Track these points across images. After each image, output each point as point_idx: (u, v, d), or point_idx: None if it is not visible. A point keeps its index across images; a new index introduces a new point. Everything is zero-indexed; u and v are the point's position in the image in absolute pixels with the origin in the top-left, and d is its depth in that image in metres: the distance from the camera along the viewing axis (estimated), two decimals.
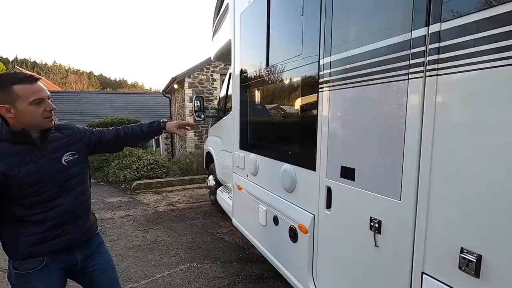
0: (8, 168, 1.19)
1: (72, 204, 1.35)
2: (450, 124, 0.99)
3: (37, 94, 1.21)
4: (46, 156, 1.30)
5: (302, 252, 1.84)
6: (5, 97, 1.17)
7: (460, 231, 0.97)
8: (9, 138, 1.22)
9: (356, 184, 1.39)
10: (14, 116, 1.20)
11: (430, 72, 1.03)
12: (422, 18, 1.05)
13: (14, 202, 1.24)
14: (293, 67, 1.94)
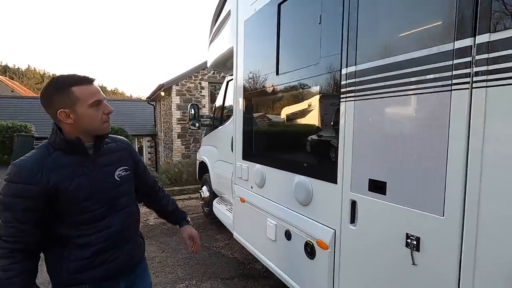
0: (60, 180, 1.09)
1: (121, 226, 1.23)
2: (502, 135, 0.95)
3: (96, 96, 1.13)
4: (98, 169, 1.19)
5: (321, 269, 1.75)
6: (64, 100, 1.09)
7: None
8: (62, 147, 1.13)
9: (388, 198, 1.33)
10: (73, 121, 1.11)
11: (477, 83, 1.00)
12: (468, 28, 1.02)
13: (61, 220, 1.13)
14: (308, 76, 1.89)
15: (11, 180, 1.05)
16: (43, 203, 1.07)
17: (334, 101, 1.64)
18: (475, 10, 1.00)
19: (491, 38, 0.97)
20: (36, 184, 1.05)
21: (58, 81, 1.11)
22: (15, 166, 1.07)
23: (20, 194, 1.04)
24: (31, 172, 1.05)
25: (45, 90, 1.12)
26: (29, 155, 1.12)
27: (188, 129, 10.35)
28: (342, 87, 1.57)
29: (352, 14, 1.50)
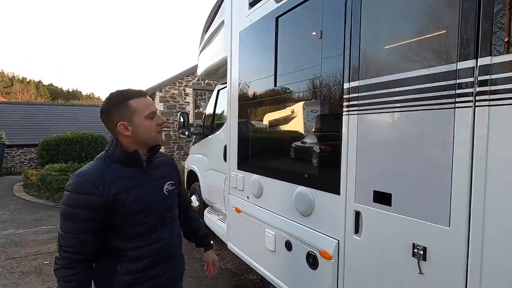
0: (119, 192, 1.13)
1: (169, 240, 1.27)
2: (504, 150, 1.02)
3: (150, 107, 1.21)
4: (151, 183, 1.25)
5: (324, 279, 1.77)
6: (122, 113, 1.16)
7: None
8: (121, 159, 1.18)
9: (393, 209, 1.38)
10: (131, 133, 1.17)
11: (480, 102, 1.07)
12: (471, 50, 1.10)
13: (116, 231, 1.16)
14: (308, 88, 1.94)
15: (74, 191, 1.09)
16: (103, 214, 1.11)
17: (336, 114, 1.69)
18: (476, 34, 1.08)
19: (492, 61, 1.04)
20: (98, 195, 1.08)
21: (116, 96, 1.18)
22: (78, 176, 1.11)
23: (82, 204, 1.08)
24: (93, 184, 1.09)
25: (104, 105, 1.19)
26: (89, 166, 1.16)
27: (171, 137, 10.18)
28: (345, 100, 1.62)
29: (355, 29, 1.56)
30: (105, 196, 1.09)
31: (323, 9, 1.77)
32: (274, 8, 2.23)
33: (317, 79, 1.84)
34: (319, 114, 1.87)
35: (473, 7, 1.09)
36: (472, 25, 1.09)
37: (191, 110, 10.35)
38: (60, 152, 9.14)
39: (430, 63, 1.23)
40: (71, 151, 9.24)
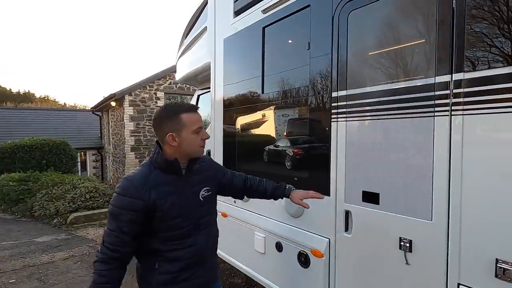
0: (158, 197, 1.21)
1: (203, 245, 1.33)
2: (478, 151, 1.20)
3: (198, 123, 1.29)
4: (188, 189, 1.31)
5: (316, 277, 1.87)
6: (173, 125, 1.24)
7: (494, 245, 1.15)
8: (162, 166, 1.26)
9: (381, 207, 1.52)
10: (177, 144, 1.25)
11: (455, 112, 1.25)
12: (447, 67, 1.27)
13: (154, 234, 1.24)
14: (297, 96, 2.05)
15: (121, 193, 1.18)
16: (143, 217, 1.19)
17: (325, 120, 1.81)
18: (451, 53, 1.26)
19: (465, 76, 1.22)
20: (141, 199, 1.17)
21: (170, 108, 1.28)
22: (126, 180, 1.21)
23: (127, 206, 1.17)
24: (137, 188, 1.18)
25: (158, 115, 1.28)
26: (137, 172, 1.26)
27: (142, 142, 9.84)
28: (333, 108, 1.74)
29: (342, 46, 1.69)
30: (147, 200, 1.18)
31: (311, 22, 1.90)
32: (261, 18, 2.32)
33: (306, 88, 1.95)
34: (308, 121, 1.98)
35: (448, 29, 1.26)
36: (447, 45, 1.26)
37: None
38: (16, 160, 8.39)
39: (414, 76, 1.39)
40: (29, 158, 8.53)
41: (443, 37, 1.28)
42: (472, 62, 1.21)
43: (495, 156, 1.15)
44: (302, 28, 1.98)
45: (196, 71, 3.53)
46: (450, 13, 1.26)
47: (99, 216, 5.53)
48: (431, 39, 1.32)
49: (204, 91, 3.89)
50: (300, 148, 2.05)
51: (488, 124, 1.18)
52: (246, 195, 1.68)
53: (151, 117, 9.74)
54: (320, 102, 1.88)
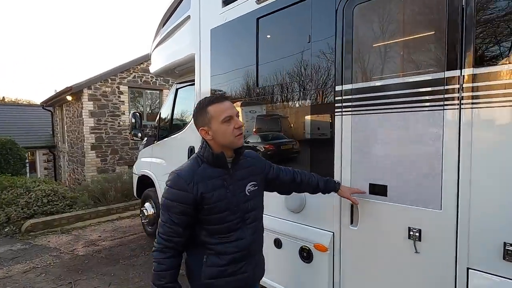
0: (206, 190, 1.23)
1: (249, 239, 1.33)
2: (486, 142, 1.27)
3: (225, 112, 1.25)
4: (234, 183, 1.31)
5: (319, 271, 1.87)
6: (203, 119, 1.26)
7: (502, 229, 1.23)
8: (209, 160, 1.27)
9: (389, 199, 1.56)
10: (212, 137, 1.26)
11: (465, 105, 1.30)
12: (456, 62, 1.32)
13: (202, 227, 1.27)
14: (297, 89, 2.01)
15: (171, 186, 1.23)
16: (192, 209, 1.22)
17: (328, 114, 1.80)
18: (462, 46, 1.31)
19: (474, 71, 1.28)
20: (189, 191, 1.20)
21: (199, 103, 1.29)
22: (175, 174, 1.24)
23: (177, 199, 1.21)
24: (186, 181, 1.21)
25: (194, 111, 1.32)
26: (185, 165, 1.29)
27: (104, 139, 9.13)
28: (338, 102, 1.74)
29: (347, 39, 1.69)
30: (194, 193, 1.20)
31: (312, 14, 1.87)
32: (254, 8, 2.24)
33: (306, 81, 1.92)
34: (312, 114, 1.95)
35: (457, 23, 1.31)
36: (458, 40, 1.31)
37: (127, 110, 9.44)
38: None
39: (424, 71, 1.42)
40: None
41: (453, 33, 1.33)
42: (481, 58, 1.27)
43: (501, 147, 1.23)
44: (302, 20, 1.94)
45: (176, 63, 3.32)
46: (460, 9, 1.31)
47: (61, 222, 4.99)
48: (441, 34, 1.36)
49: (183, 84, 3.68)
50: (303, 142, 2.02)
51: (496, 117, 1.25)
52: (295, 190, 1.65)
53: (114, 113, 9.16)
54: (322, 96, 1.87)
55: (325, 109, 1.84)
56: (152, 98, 10.32)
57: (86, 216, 5.29)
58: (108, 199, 5.81)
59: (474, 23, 1.27)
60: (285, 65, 2.09)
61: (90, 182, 6.31)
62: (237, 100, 2.45)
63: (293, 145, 2.12)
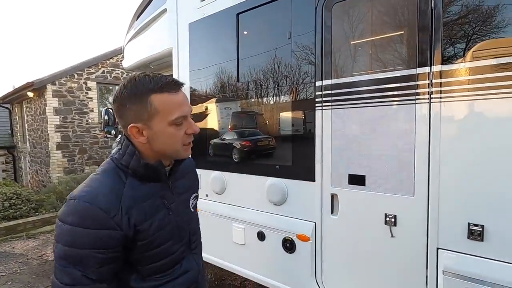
0: (141, 219, 0.85)
1: (197, 268, 1.03)
2: (453, 133, 1.39)
3: (180, 110, 0.86)
4: (177, 200, 0.97)
5: (302, 260, 1.94)
6: (138, 112, 0.83)
7: (466, 212, 1.37)
8: (139, 173, 0.87)
9: (367, 188, 1.65)
10: (146, 140, 0.86)
11: (435, 98, 1.42)
12: (427, 59, 1.43)
13: (132, 269, 0.88)
14: (277, 85, 2.05)
15: (79, 224, 0.77)
16: (121, 251, 0.83)
17: (308, 109, 1.87)
18: (431, 45, 1.42)
19: (442, 68, 1.40)
20: (116, 228, 0.79)
21: (135, 84, 0.83)
22: (83, 201, 0.78)
23: (94, 243, 0.78)
24: (108, 212, 0.79)
25: (119, 93, 0.84)
26: (97, 184, 0.83)
27: (71, 138, 8.62)
28: (318, 96, 1.81)
29: (326, 37, 1.75)
30: (125, 227, 0.81)
31: (292, 11, 1.91)
32: (234, 4, 2.24)
33: (287, 76, 1.97)
34: (292, 110, 2.00)
35: (427, 24, 1.42)
36: (428, 38, 1.42)
37: (96, 106, 8.98)
38: None
39: (398, 68, 1.52)
40: None
41: (423, 33, 1.44)
42: (449, 56, 1.39)
43: (466, 139, 1.36)
44: (282, 17, 1.98)
45: (152, 57, 3.22)
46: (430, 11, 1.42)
47: (25, 227, 4.66)
48: (413, 34, 1.47)
49: None
50: (283, 137, 2.07)
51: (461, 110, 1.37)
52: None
53: (81, 110, 8.67)
54: (303, 91, 1.92)
55: (306, 104, 1.90)
56: None
57: (53, 220, 4.98)
58: None
59: (441, 24, 1.39)
60: (266, 61, 2.12)
61: (58, 183, 5.94)
62: (218, 96, 2.44)
63: (269, 140, 2.16)
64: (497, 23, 1.29)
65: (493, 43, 1.29)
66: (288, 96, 2.01)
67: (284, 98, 2.04)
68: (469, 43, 1.34)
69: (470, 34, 1.34)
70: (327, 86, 1.77)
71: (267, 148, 2.20)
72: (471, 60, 1.32)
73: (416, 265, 1.52)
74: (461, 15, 1.36)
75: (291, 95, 1.99)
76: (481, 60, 1.30)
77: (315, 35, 1.80)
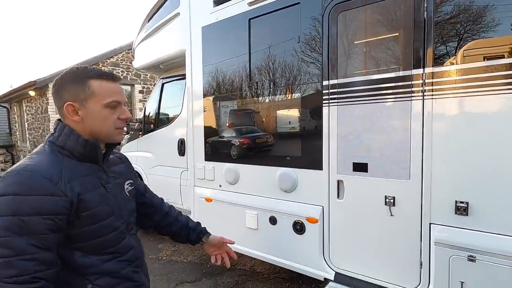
0: (84, 189, 0.89)
1: (139, 246, 1.09)
2: (443, 126, 1.64)
3: (114, 95, 0.97)
4: (112, 182, 1.03)
5: (311, 240, 2.18)
6: (76, 92, 0.92)
7: (454, 192, 1.62)
8: (75, 152, 0.92)
9: (369, 174, 1.90)
10: (81, 119, 0.93)
11: (427, 96, 1.67)
12: (420, 62, 1.67)
13: (77, 245, 0.90)
14: (287, 84, 2.28)
15: (22, 192, 0.78)
16: (65, 221, 0.84)
17: (316, 106, 2.10)
18: (424, 51, 1.66)
19: (433, 70, 1.64)
20: (62, 194, 0.83)
21: (77, 70, 0.94)
22: (25, 171, 0.81)
23: (40, 208, 0.79)
24: (51, 179, 0.82)
25: (60, 77, 0.95)
26: (35, 160, 0.86)
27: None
28: (325, 94, 2.04)
29: (332, 40, 1.99)
30: (69, 194, 0.84)
31: (301, 17, 2.14)
32: (246, 10, 2.45)
33: (297, 76, 2.20)
34: (301, 108, 2.23)
35: (421, 32, 1.66)
36: (421, 45, 1.67)
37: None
38: None
39: (395, 69, 1.77)
40: None
41: (418, 39, 1.68)
42: (439, 59, 1.64)
43: (453, 132, 1.61)
44: (292, 22, 2.20)
45: (164, 58, 3.42)
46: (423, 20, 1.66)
47: None
48: (408, 39, 1.71)
49: (170, 79, 3.78)
50: (294, 131, 2.30)
51: (451, 106, 1.62)
52: (159, 222, 1.32)
53: None
54: (311, 89, 2.16)
55: (314, 101, 2.13)
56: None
57: None
58: None
59: (433, 30, 1.63)
60: (276, 62, 2.35)
61: None
62: (231, 94, 2.66)
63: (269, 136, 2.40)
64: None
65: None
66: (297, 95, 2.24)
67: (294, 97, 2.27)
68: (452, 48, 1.59)
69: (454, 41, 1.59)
70: (333, 85, 2.00)
71: (277, 142, 2.42)
72: (454, 63, 1.57)
73: (412, 238, 1.77)
74: (449, 23, 1.61)
75: (300, 94, 2.22)
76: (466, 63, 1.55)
77: (322, 39, 2.03)
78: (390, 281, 1.88)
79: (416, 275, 1.77)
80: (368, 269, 1.97)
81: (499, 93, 1.47)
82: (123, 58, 9.60)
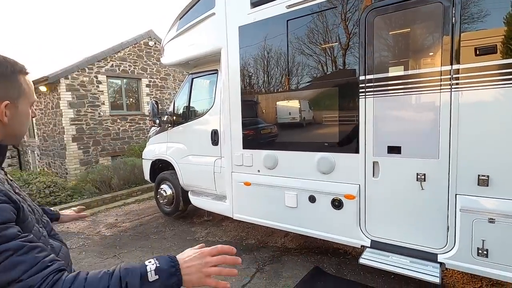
0: (17, 197, 0.77)
1: (65, 246, 0.99)
2: (467, 114, 1.98)
3: (34, 94, 0.89)
4: (13, 185, 0.89)
5: (349, 214, 2.53)
6: (8, 89, 0.80)
7: (476, 168, 1.97)
8: None
9: (402, 155, 2.24)
10: (7, 120, 0.80)
11: (455, 89, 2.00)
12: (448, 59, 2.00)
13: None
14: (325, 78, 2.59)
15: None
16: None
17: (354, 98, 2.42)
18: (452, 50, 1.98)
19: (460, 67, 1.97)
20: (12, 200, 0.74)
21: (6, 62, 0.81)
22: None
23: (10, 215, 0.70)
24: None
25: None
26: None
27: (85, 131, 8.93)
28: (362, 88, 2.36)
29: (368, 40, 2.29)
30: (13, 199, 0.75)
31: (340, 19, 2.43)
32: (284, 12, 2.73)
33: (336, 73, 2.51)
34: (341, 98, 2.54)
35: (449, 34, 1.98)
36: (449, 46, 1.99)
37: (107, 100, 9.26)
38: None
39: (429, 66, 2.09)
40: None
41: (446, 41, 2.00)
42: (468, 56, 1.96)
43: (475, 118, 1.95)
44: (330, 23, 2.49)
45: (197, 55, 3.67)
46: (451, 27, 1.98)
47: None
48: (440, 42, 2.03)
49: (199, 74, 4.05)
50: (331, 121, 2.62)
51: (474, 97, 1.95)
52: None
53: (93, 103, 8.94)
54: (350, 84, 2.47)
55: (352, 94, 2.45)
56: (131, 88, 10.17)
57: (93, 204, 5.44)
58: (111, 187, 5.97)
59: (460, 33, 1.95)
60: (315, 59, 2.65)
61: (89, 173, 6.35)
62: (270, 88, 2.96)
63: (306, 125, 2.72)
64: None
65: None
66: (337, 88, 2.55)
67: (335, 90, 2.58)
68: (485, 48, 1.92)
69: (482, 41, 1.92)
70: (370, 79, 2.32)
71: (314, 130, 2.74)
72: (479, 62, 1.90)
73: (440, 207, 2.13)
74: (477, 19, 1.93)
75: (340, 88, 2.53)
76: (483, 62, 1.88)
77: (359, 39, 2.34)
78: (420, 244, 2.25)
79: (443, 237, 2.14)
80: (400, 235, 2.33)
81: (509, 87, 1.82)
82: (130, 53, 9.73)
